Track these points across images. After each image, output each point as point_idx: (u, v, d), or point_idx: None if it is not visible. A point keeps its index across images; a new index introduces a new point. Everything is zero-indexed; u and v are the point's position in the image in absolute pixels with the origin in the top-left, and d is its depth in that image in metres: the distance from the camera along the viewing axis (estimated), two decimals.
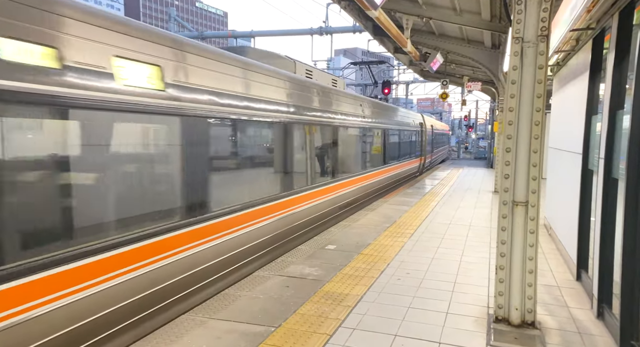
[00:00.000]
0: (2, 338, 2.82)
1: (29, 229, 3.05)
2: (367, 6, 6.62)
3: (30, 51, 2.95)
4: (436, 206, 10.50)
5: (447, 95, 17.03)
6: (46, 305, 3.11)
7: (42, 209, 3.14)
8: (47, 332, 3.14)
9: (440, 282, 5.20)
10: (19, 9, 2.91)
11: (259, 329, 3.89)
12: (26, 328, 2.98)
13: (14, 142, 2.93)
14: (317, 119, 8.32)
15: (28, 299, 2.99)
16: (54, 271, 3.16)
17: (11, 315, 2.87)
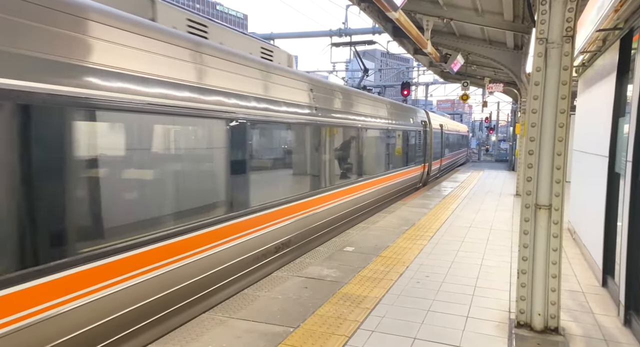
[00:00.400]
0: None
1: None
2: (387, 7, 6.60)
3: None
4: (456, 209, 10.38)
5: (468, 97, 16.83)
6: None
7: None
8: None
9: (461, 285, 5.14)
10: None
11: (277, 329, 3.92)
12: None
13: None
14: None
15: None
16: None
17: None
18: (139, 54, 3.76)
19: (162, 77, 3.98)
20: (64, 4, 3.19)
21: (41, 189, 3.00)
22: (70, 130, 3.20)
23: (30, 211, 2.94)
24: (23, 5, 2.90)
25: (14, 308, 2.81)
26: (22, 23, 2.87)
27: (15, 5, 2.85)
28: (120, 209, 3.70)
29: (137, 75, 3.71)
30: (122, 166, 3.72)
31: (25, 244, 2.93)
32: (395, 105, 12.86)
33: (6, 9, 2.80)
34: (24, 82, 2.83)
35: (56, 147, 3.11)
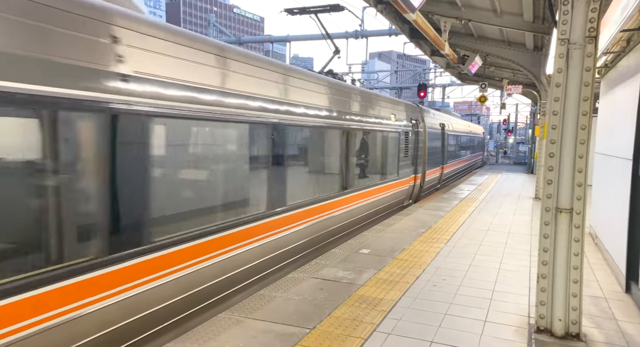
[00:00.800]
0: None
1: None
2: (405, 9, 6.58)
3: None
4: (473, 212, 10.26)
5: (486, 99, 16.61)
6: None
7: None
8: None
9: (478, 289, 5.07)
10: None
11: (293, 330, 3.93)
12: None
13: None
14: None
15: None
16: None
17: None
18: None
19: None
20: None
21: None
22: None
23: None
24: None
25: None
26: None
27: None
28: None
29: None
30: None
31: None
32: (366, 96, 8.83)
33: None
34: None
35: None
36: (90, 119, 3.18)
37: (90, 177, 3.23)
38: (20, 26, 2.74)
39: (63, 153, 3.04)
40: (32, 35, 2.78)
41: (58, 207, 3.01)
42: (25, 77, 2.74)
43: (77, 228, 3.16)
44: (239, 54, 4.99)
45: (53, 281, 2.98)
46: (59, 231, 3.02)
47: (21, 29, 2.74)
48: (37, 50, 2.81)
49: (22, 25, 2.74)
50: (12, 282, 2.74)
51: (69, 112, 3.03)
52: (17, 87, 2.70)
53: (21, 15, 2.74)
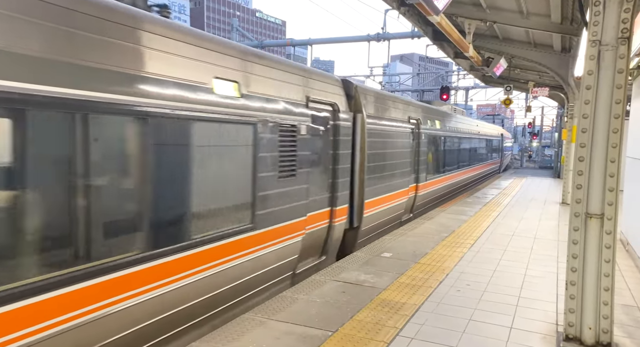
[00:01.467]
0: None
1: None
2: (429, 11, 6.53)
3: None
4: (498, 216, 10.07)
5: (511, 102, 16.29)
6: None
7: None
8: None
9: (504, 295, 4.98)
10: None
11: (316, 332, 3.93)
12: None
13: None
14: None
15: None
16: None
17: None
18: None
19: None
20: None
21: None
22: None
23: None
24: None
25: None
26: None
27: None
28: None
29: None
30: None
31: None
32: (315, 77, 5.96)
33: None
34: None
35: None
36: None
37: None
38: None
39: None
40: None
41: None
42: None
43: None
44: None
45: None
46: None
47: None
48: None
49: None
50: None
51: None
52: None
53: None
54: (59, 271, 2.92)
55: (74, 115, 2.97)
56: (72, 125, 2.97)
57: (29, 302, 2.74)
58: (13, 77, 2.60)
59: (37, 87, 2.71)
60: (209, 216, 4.18)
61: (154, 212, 3.60)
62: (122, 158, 3.36)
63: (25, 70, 2.66)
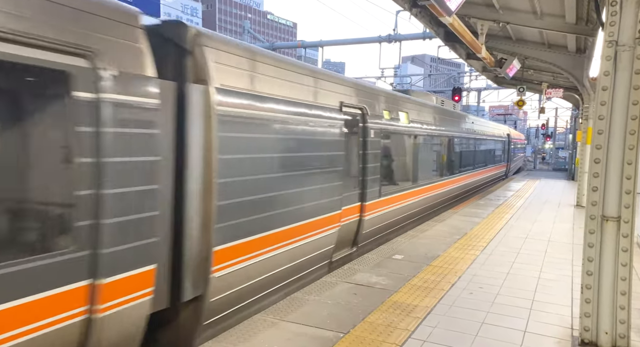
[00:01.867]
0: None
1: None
2: (441, 13, 6.51)
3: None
4: (511, 219, 9.97)
5: (524, 103, 16.11)
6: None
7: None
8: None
9: (517, 298, 4.92)
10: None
11: (327, 334, 3.93)
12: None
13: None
14: None
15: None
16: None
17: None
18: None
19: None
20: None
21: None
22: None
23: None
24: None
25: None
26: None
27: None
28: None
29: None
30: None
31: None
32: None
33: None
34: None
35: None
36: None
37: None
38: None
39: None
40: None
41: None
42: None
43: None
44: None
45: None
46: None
47: None
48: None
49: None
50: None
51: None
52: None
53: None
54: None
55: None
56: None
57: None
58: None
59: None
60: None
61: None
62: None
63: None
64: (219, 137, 3.97)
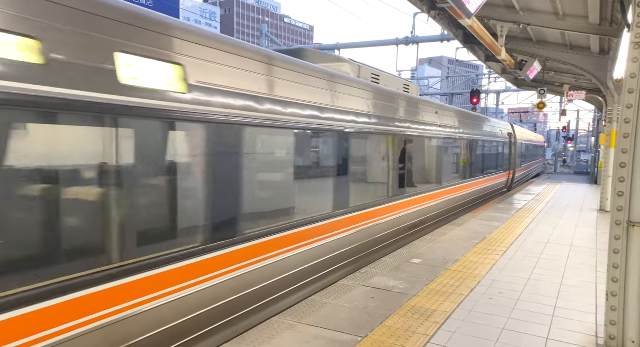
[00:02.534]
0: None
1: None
2: (461, 15, 6.46)
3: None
4: (531, 223, 9.79)
5: (545, 105, 15.82)
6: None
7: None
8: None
9: (539, 305, 4.83)
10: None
11: (345, 337, 3.93)
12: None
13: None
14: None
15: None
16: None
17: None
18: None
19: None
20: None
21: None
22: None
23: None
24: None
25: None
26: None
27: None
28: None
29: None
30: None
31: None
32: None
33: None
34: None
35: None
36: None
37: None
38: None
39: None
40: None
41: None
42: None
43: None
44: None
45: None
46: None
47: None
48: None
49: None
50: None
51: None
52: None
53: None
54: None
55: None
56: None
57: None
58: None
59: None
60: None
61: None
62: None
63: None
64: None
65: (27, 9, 2.65)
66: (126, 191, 3.21)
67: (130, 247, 3.27)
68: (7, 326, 2.56)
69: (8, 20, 2.56)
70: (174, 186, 3.62)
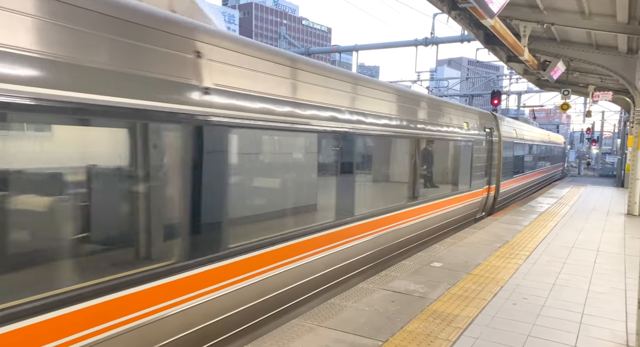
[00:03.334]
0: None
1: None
2: (483, 15, 6.36)
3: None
4: (555, 227, 9.56)
5: (569, 106, 15.47)
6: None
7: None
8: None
9: (565, 311, 4.69)
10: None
11: (365, 341, 3.88)
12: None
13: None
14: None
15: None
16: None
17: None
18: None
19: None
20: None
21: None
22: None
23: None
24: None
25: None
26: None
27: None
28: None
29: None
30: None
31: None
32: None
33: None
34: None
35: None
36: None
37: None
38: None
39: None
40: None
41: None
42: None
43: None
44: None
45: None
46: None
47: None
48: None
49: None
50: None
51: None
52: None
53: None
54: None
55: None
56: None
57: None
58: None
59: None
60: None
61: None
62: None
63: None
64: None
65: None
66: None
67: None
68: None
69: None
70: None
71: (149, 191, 3.28)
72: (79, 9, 2.77)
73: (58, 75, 2.63)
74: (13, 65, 2.44)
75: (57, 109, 2.63)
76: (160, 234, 3.39)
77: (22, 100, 2.48)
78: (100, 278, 2.90)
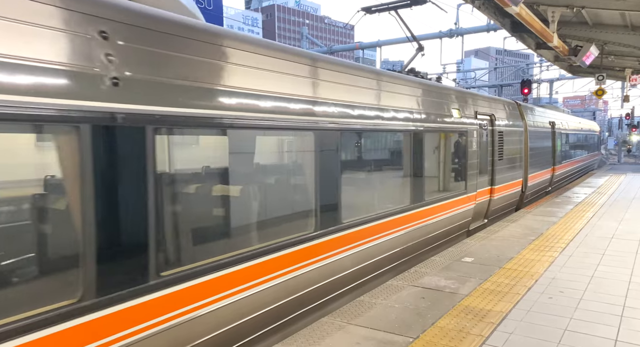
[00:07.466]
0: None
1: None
2: (507, 3, 6.20)
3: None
4: (593, 217, 9.20)
5: (604, 92, 14.82)
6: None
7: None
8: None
9: (605, 304, 4.52)
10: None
11: (396, 338, 3.86)
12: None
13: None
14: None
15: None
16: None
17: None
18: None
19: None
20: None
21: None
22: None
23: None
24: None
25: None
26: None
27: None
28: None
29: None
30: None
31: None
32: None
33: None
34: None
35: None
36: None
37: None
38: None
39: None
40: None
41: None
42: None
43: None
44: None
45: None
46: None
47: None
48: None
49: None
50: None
51: None
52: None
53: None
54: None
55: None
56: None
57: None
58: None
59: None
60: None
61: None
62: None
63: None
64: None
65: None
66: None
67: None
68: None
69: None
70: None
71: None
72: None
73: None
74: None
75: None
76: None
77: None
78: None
